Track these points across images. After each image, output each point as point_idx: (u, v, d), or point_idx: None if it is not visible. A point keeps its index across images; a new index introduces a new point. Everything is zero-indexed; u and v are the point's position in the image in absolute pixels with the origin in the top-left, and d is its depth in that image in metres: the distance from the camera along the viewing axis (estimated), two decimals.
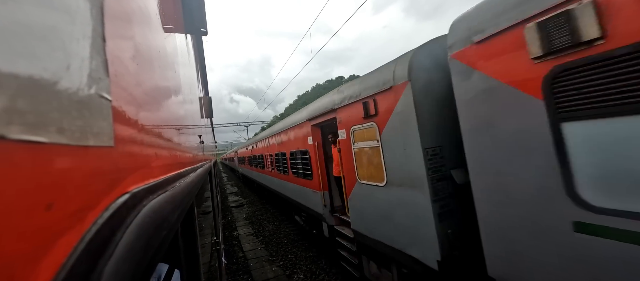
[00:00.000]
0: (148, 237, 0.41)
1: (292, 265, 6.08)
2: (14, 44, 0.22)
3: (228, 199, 15.56)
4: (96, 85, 0.35)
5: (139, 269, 0.37)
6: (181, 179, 0.88)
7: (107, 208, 0.35)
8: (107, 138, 0.37)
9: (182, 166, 1.06)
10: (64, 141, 0.27)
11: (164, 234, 0.52)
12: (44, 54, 0.25)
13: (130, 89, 0.52)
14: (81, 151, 0.30)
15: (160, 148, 0.73)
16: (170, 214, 0.58)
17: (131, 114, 0.50)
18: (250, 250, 7.33)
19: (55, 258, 0.24)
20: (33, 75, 0.23)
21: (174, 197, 0.65)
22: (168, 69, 1.08)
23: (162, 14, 1.07)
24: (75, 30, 0.32)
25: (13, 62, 0.21)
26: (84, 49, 0.33)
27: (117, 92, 0.43)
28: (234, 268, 6.34)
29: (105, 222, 0.32)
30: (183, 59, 1.76)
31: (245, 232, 8.97)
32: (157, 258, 0.48)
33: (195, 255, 1.29)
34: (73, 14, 0.32)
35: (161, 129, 0.79)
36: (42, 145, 0.24)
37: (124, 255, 0.33)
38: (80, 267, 0.26)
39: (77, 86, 0.30)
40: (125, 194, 0.40)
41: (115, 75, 0.43)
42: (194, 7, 2.26)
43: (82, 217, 0.29)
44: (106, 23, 0.41)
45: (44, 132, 0.24)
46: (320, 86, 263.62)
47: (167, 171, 0.76)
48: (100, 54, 0.38)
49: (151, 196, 0.51)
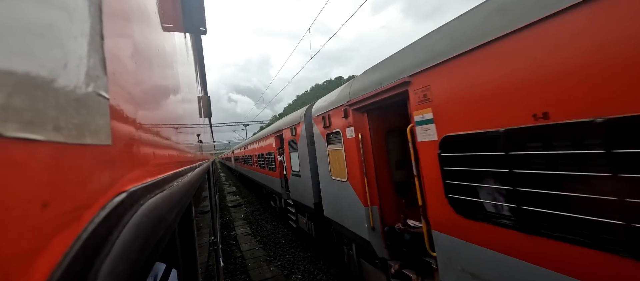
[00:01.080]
0: (145, 236, 0.41)
1: (290, 265, 6.07)
2: (12, 41, 0.21)
3: (226, 199, 15.52)
4: (94, 83, 0.35)
5: (136, 268, 0.37)
6: (179, 178, 0.87)
7: (104, 206, 0.34)
8: (104, 137, 0.37)
9: (180, 165, 1.06)
10: (61, 139, 0.27)
11: (161, 233, 0.51)
12: (42, 51, 0.25)
13: (128, 87, 0.51)
14: (78, 150, 0.30)
15: (158, 147, 0.72)
16: (167, 214, 0.57)
17: (129, 112, 0.50)
18: (248, 249, 7.32)
19: (51, 257, 0.23)
20: (30, 72, 0.23)
21: (171, 196, 0.65)
22: (167, 68, 1.08)
23: (161, 13, 1.07)
24: (74, 28, 0.31)
25: (10, 59, 0.21)
26: (82, 47, 0.33)
27: (115, 90, 0.43)
28: (231, 268, 6.33)
29: (102, 221, 0.32)
30: (182, 58, 1.75)
31: (243, 232, 8.96)
32: (154, 257, 0.48)
33: (193, 255, 1.29)
34: (71, 12, 0.31)
35: (159, 128, 0.79)
36: (39, 143, 0.23)
37: (121, 254, 0.33)
38: (76, 266, 0.26)
39: (74, 84, 0.30)
40: (123, 193, 0.40)
41: (113, 73, 0.43)
42: (194, 6, 2.26)
43: (78, 216, 0.29)
44: (105, 21, 0.41)
45: (41, 130, 0.24)
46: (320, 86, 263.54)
47: (165, 170, 0.75)
48: (99, 51, 0.38)
49: (149, 195, 0.51)
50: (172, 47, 1.32)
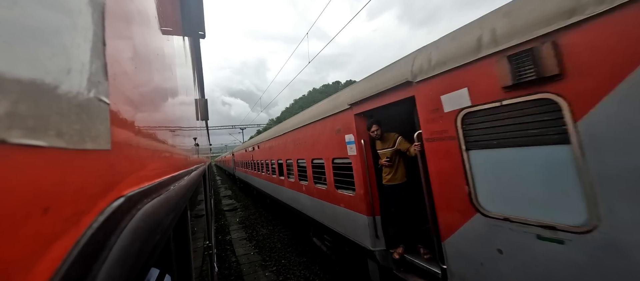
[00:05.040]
0: (142, 241, 0.41)
1: (286, 270, 6.01)
2: (17, 48, 0.22)
3: (221, 203, 15.37)
4: (95, 89, 0.36)
5: (132, 274, 0.37)
6: (176, 182, 0.87)
7: (102, 211, 0.35)
8: (104, 142, 0.37)
9: (176, 169, 1.06)
10: (63, 144, 0.27)
11: (157, 238, 0.51)
12: (46, 58, 0.26)
13: (127, 92, 0.52)
14: (79, 155, 0.30)
15: (156, 151, 0.72)
16: (164, 218, 0.57)
17: (128, 117, 0.50)
18: (243, 254, 7.23)
19: (50, 262, 0.24)
20: (35, 79, 0.24)
21: (168, 201, 0.65)
22: (165, 72, 1.08)
23: (161, 16, 1.07)
24: (77, 35, 0.32)
25: (16, 66, 0.22)
26: (85, 53, 0.34)
27: (115, 95, 0.43)
28: (226, 273, 6.24)
29: (100, 226, 0.32)
30: (180, 62, 1.76)
31: (238, 236, 8.86)
32: (149, 262, 0.48)
33: (187, 260, 1.27)
34: (75, 18, 0.32)
35: (157, 132, 0.79)
36: (41, 149, 0.24)
37: (118, 260, 0.33)
38: (74, 272, 0.26)
39: (77, 90, 0.31)
40: (120, 198, 0.40)
41: (113, 78, 0.43)
42: (193, 10, 2.27)
43: (77, 221, 0.29)
44: (107, 27, 0.41)
45: (44, 136, 0.24)
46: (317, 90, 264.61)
47: (162, 174, 0.75)
48: (100, 57, 0.38)
49: (146, 199, 0.51)
50: (171, 50, 1.33)
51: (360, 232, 3.71)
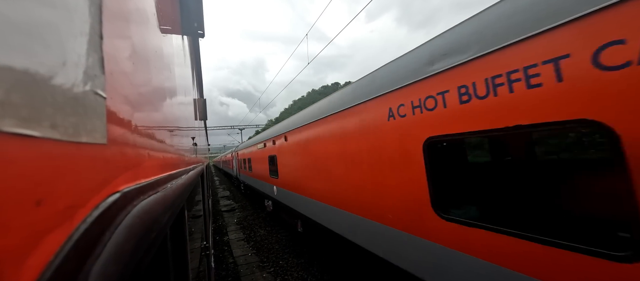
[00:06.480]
0: (137, 239, 0.40)
1: (284, 271, 5.98)
2: (12, 39, 0.21)
3: (219, 203, 15.31)
4: (91, 82, 0.35)
5: (127, 271, 0.36)
6: (173, 180, 0.86)
7: (97, 206, 0.34)
8: (100, 136, 0.37)
9: (174, 168, 1.05)
10: (57, 136, 0.27)
11: (154, 236, 0.51)
12: (41, 49, 0.25)
13: (125, 87, 0.51)
14: (74, 148, 0.30)
15: (153, 148, 0.72)
16: (160, 216, 0.56)
17: (125, 112, 0.50)
18: (241, 255, 7.20)
19: (42, 255, 0.23)
20: (30, 69, 0.23)
21: (165, 198, 0.64)
22: (164, 70, 1.07)
23: (160, 15, 1.07)
24: (73, 27, 0.31)
25: (10, 56, 0.21)
26: (81, 46, 0.33)
27: (112, 90, 0.43)
28: (223, 274, 6.20)
29: (95, 221, 0.32)
30: (179, 60, 1.75)
31: (236, 237, 8.82)
32: (145, 260, 0.47)
33: (184, 259, 1.26)
34: (72, 11, 0.32)
35: (155, 129, 0.78)
36: (35, 140, 0.23)
37: (112, 256, 0.33)
38: (67, 266, 0.25)
39: (72, 82, 0.30)
40: (116, 194, 0.40)
41: (110, 73, 0.43)
42: (192, 9, 2.27)
43: (71, 215, 0.28)
44: (104, 21, 0.41)
45: (37, 127, 0.24)
46: (316, 91, 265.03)
47: (159, 172, 0.74)
48: (97, 51, 0.38)
49: (142, 196, 0.50)
50: (170, 49, 1.32)
51: None
